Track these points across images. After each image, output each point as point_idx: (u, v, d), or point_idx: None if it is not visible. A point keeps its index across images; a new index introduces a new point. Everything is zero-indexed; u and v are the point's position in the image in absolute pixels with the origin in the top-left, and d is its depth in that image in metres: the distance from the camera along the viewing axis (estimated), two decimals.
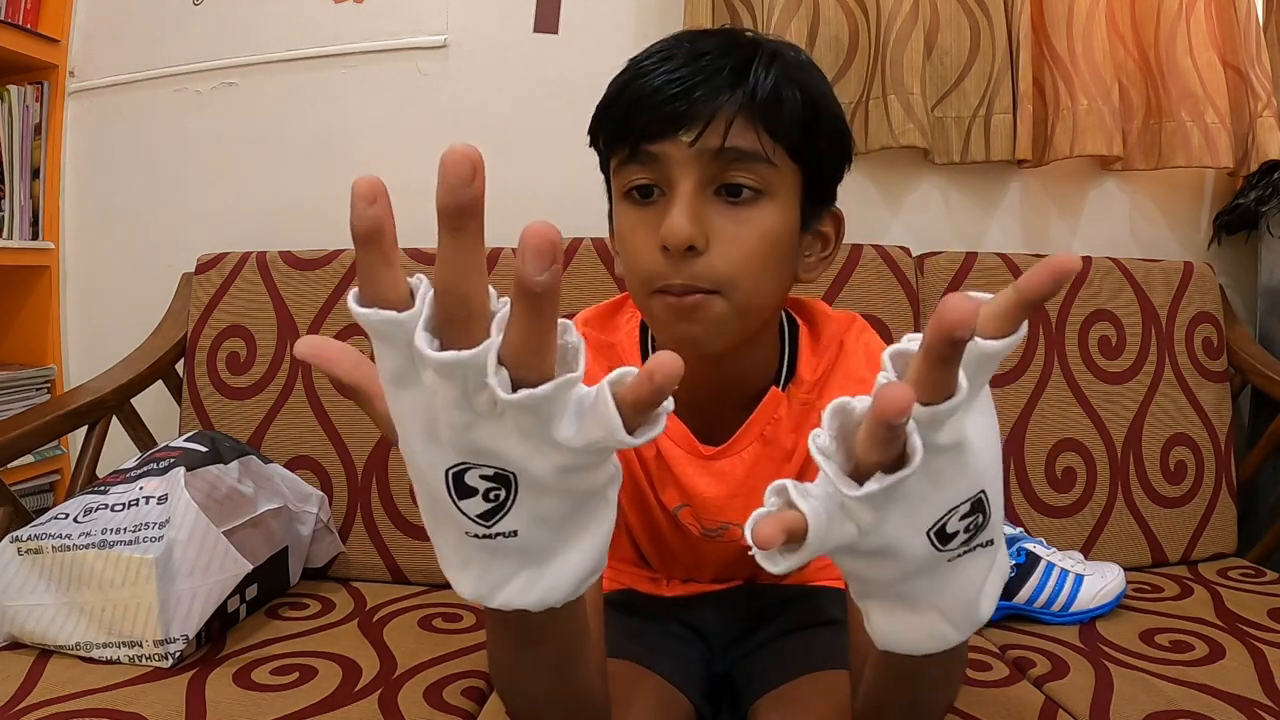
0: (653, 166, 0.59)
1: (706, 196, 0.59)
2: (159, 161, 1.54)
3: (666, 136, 0.58)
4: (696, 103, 0.57)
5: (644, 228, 0.60)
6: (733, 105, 0.57)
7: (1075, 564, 1.09)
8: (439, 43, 1.47)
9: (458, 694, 0.88)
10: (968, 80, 1.41)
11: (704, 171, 0.58)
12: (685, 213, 0.57)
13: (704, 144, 0.57)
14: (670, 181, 0.59)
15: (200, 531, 0.93)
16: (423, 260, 1.28)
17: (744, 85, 0.57)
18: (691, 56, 0.58)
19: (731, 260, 0.58)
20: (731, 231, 0.59)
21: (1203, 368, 1.34)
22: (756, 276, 0.60)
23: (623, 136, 0.60)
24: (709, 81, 0.57)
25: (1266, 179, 1.38)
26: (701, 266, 0.58)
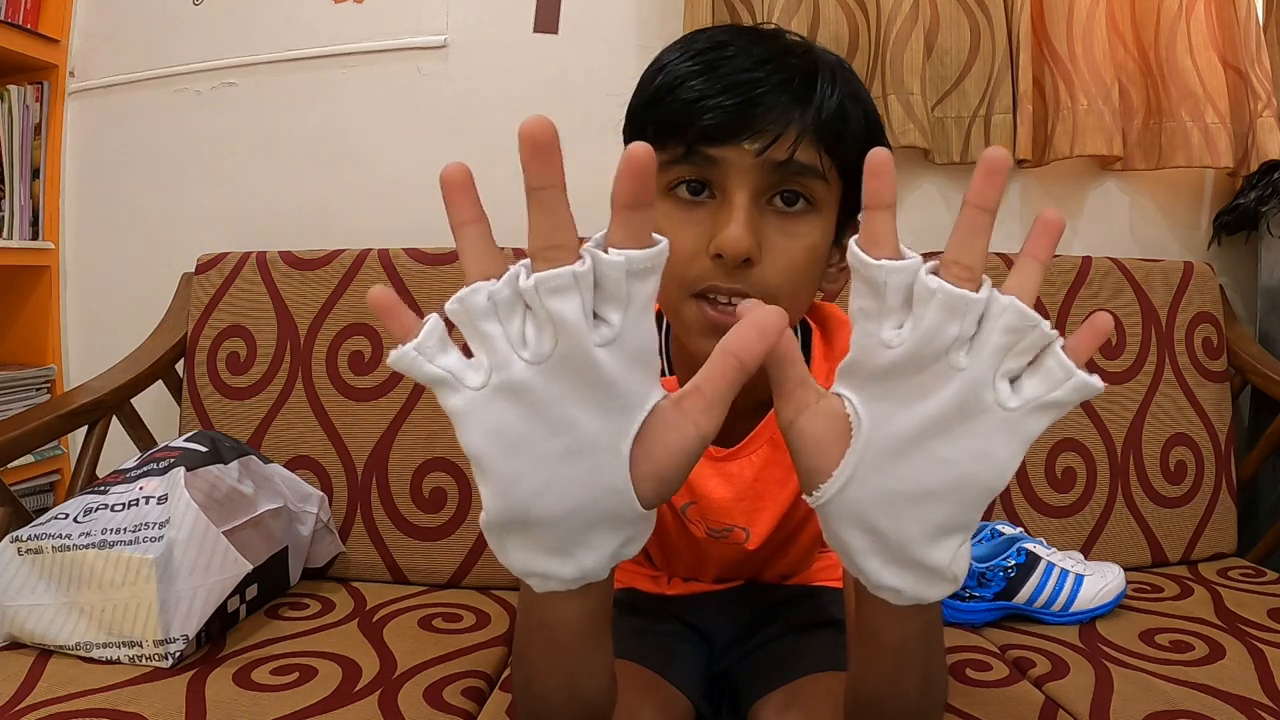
0: (707, 168, 0.58)
1: (760, 205, 0.58)
2: (159, 161, 1.54)
3: (730, 142, 0.56)
4: (768, 113, 0.56)
5: (691, 228, 0.58)
6: (803, 120, 0.56)
7: (1075, 564, 1.08)
8: (439, 43, 1.47)
9: (458, 694, 0.88)
10: (968, 80, 1.41)
11: (764, 181, 0.57)
12: (744, 224, 0.56)
13: (770, 155, 0.56)
14: (725, 187, 0.58)
15: (200, 531, 0.93)
16: (422, 260, 1.28)
17: (811, 99, 0.57)
18: (754, 61, 0.57)
19: (780, 273, 0.58)
20: (782, 244, 0.58)
21: (1203, 368, 1.34)
22: (796, 290, 0.59)
23: (678, 133, 0.58)
24: (778, 92, 0.56)
25: (1266, 179, 1.38)
26: (751, 277, 0.57)
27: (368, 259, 1.29)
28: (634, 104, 0.63)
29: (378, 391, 1.25)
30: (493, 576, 1.22)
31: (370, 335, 1.26)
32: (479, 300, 0.38)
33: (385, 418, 1.24)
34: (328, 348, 1.27)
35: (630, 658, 0.73)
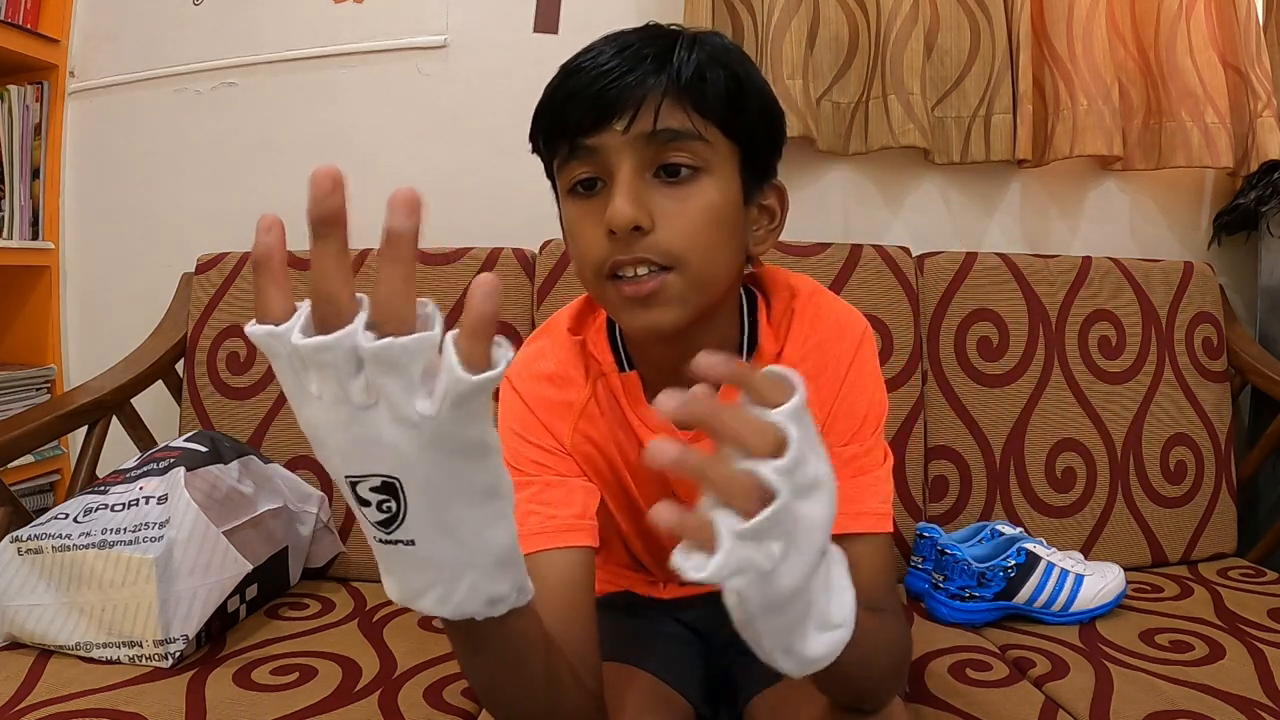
0: (592, 159, 0.61)
1: (646, 180, 0.60)
2: (159, 161, 1.54)
3: (601, 128, 0.59)
4: (624, 90, 0.58)
5: (590, 218, 0.62)
6: (659, 88, 0.59)
7: (1075, 564, 1.08)
8: (439, 43, 1.47)
9: (458, 694, 0.88)
10: (968, 80, 1.41)
11: (640, 156, 0.60)
12: (626, 195, 0.59)
13: (637, 129, 0.59)
14: (610, 171, 0.60)
15: (200, 531, 0.93)
16: (422, 260, 1.28)
17: (668, 68, 0.59)
18: (617, 50, 0.60)
19: (678, 235, 0.60)
20: (674, 209, 0.60)
21: (1203, 368, 1.34)
22: (705, 249, 0.61)
23: (560, 134, 0.62)
24: (635, 69, 0.59)
25: (1266, 179, 1.39)
26: (648, 243, 0.60)
27: (368, 259, 1.29)
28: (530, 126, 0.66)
29: None
30: None
31: None
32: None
33: None
34: None
35: (628, 660, 0.73)
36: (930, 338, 1.28)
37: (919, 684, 0.90)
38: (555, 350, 0.73)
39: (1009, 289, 1.30)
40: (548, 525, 0.65)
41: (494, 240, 1.31)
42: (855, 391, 0.69)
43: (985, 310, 1.29)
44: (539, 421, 0.69)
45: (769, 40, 1.33)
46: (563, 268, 1.26)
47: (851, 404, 0.68)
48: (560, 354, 0.72)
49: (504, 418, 0.71)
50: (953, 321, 1.29)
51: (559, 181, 0.65)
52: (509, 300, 1.26)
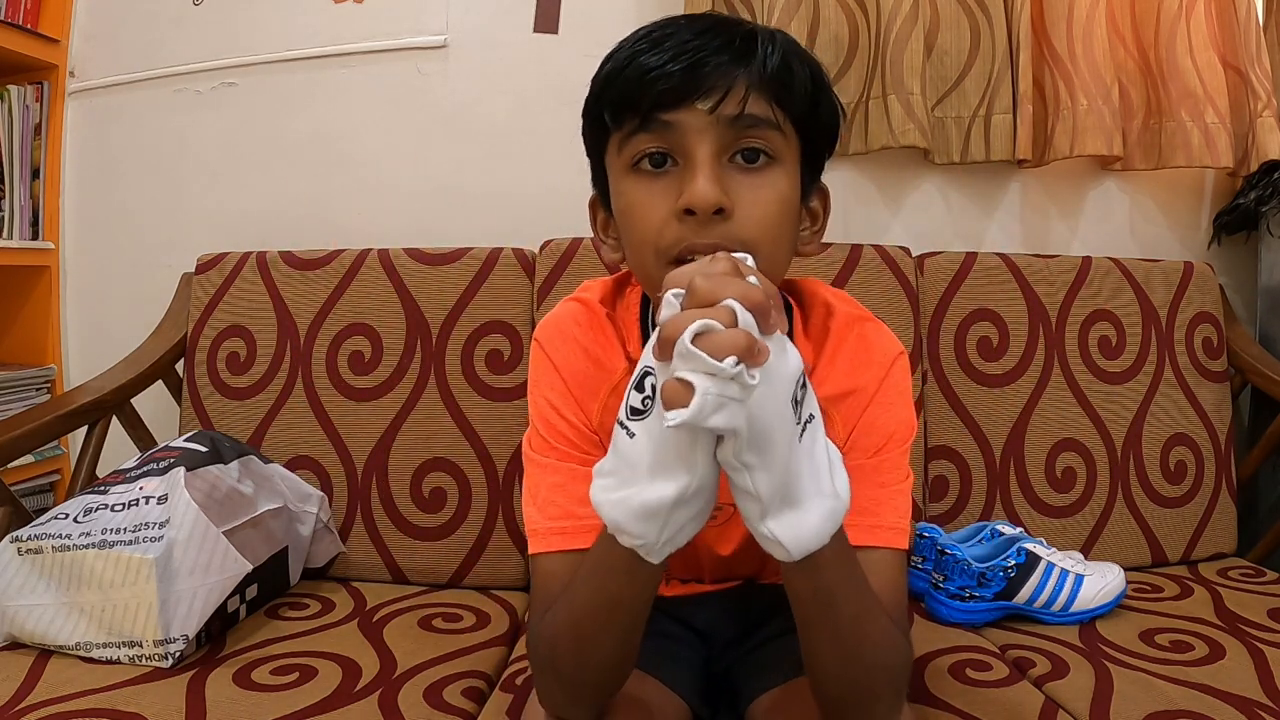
0: (666, 135, 0.59)
1: (723, 163, 0.59)
2: (159, 161, 1.54)
3: (683, 105, 0.58)
4: (714, 72, 0.58)
5: (659, 197, 0.60)
6: (748, 76, 0.58)
7: (1075, 564, 1.08)
8: (439, 43, 1.47)
9: (458, 694, 0.88)
10: (968, 80, 1.41)
11: (721, 138, 0.59)
12: (710, 176, 0.58)
13: (722, 111, 0.58)
14: (686, 150, 0.59)
15: (200, 531, 0.93)
16: (422, 260, 1.28)
17: (754, 58, 0.59)
18: (695, 32, 0.59)
19: (756, 222, 0.59)
20: (751, 195, 0.59)
21: (1203, 368, 1.34)
22: (775, 240, 0.61)
23: (633, 106, 0.60)
24: (721, 53, 0.58)
25: (1266, 179, 1.39)
26: (728, 228, 0.58)
27: (368, 259, 1.29)
28: (590, 95, 0.65)
29: (378, 391, 1.25)
30: (493, 576, 1.22)
31: (370, 335, 1.26)
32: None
33: (385, 418, 1.24)
34: (328, 348, 1.27)
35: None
36: (930, 338, 1.28)
37: (919, 684, 0.90)
38: (590, 321, 0.71)
39: (1009, 289, 1.30)
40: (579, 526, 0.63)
41: (494, 240, 1.31)
42: (882, 410, 0.68)
43: (985, 310, 1.29)
44: (573, 396, 0.68)
45: None
46: (563, 268, 1.26)
47: (877, 421, 0.67)
48: (596, 326, 0.71)
49: (537, 383, 0.69)
50: (953, 321, 1.29)
51: (619, 156, 0.62)
52: (509, 300, 1.26)
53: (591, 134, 0.66)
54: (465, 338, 1.25)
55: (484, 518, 1.22)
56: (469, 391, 1.24)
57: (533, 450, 0.68)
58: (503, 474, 1.22)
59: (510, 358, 1.25)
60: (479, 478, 1.22)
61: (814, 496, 0.49)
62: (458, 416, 1.23)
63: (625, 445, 0.49)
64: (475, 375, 1.24)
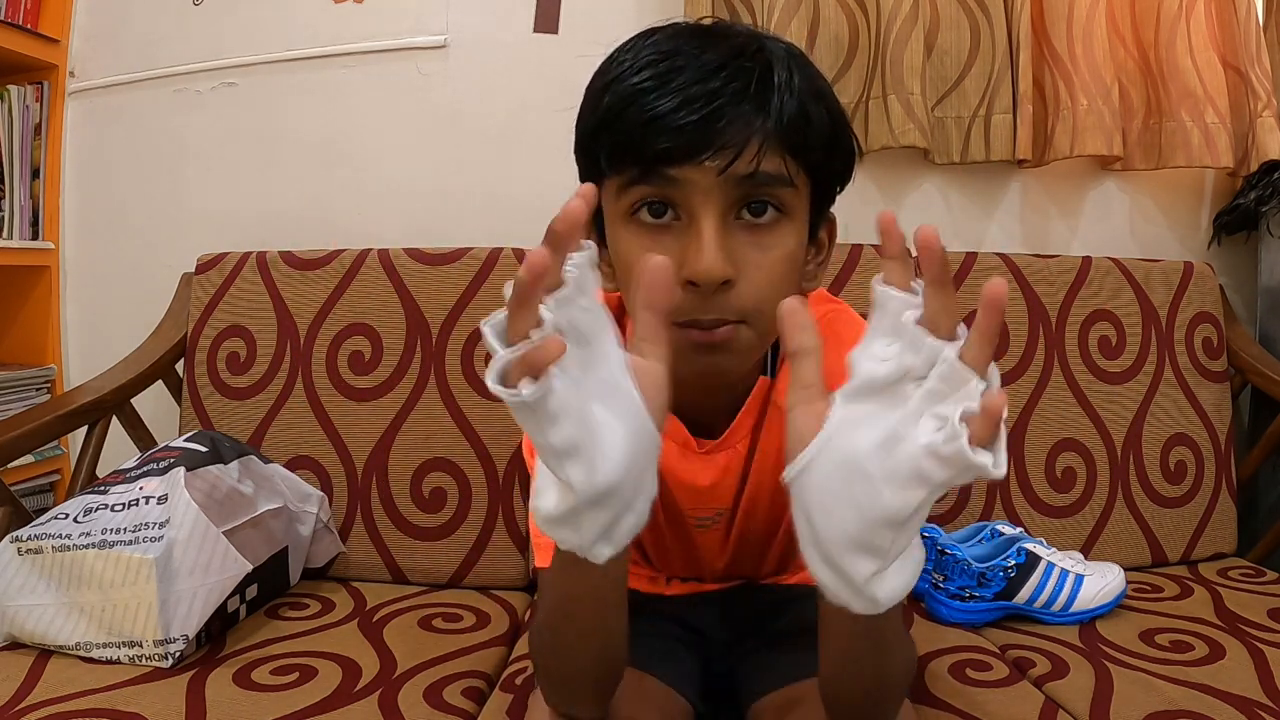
0: (668, 189, 0.56)
1: (729, 222, 0.56)
2: (159, 161, 1.54)
3: (690, 161, 0.54)
4: (726, 128, 0.53)
5: (656, 249, 0.54)
6: (764, 130, 0.54)
7: (1075, 564, 1.08)
8: (439, 43, 1.47)
9: (458, 694, 0.88)
10: (968, 80, 1.41)
11: (728, 197, 0.55)
12: (717, 248, 0.54)
13: (734, 171, 0.54)
14: (690, 208, 0.55)
15: (200, 531, 0.93)
16: (422, 260, 1.28)
17: (769, 107, 0.55)
18: (707, 70, 0.54)
19: (759, 289, 0.56)
20: (757, 259, 0.56)
21: (1203, 368, 1.34)
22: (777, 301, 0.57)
23: (634, 155, 0.55)
24: (736, 101, 0.54)
25: (1266, 179, 1.38)
26: (731, 299, 0.56)
27: (368, 259, 1.29)
28: (585, 125, 0.60)
29: (378, 391, 1.25)
30: (493, 576, 1.22)
31: (370, 335, 1.26)
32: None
33: (385, 418, 1.24)
34: (328, 348, 1.27)
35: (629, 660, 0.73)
36: None
37: (919, 684, 0.90)
38: None
39: (1009, 289, 1.30)
40: None
41: (494, 240, 1.31)
42: None
43: None
44: None
45: None
46: None
47: None
48: None
49: None
50: None
51: (614, 200, 0.59)
52: None
53: (584, 165, 0.62)
54: (465, 338, 1.25)
55: (484, 518, 1.22)
56: (469, 391, 1.24)
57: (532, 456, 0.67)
58: (503, 474, 1.22)
59: None
60: (479, 478, 1.22)
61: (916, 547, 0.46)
62: (458, 416, 1.23)
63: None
64: (475, 375, 1.24)
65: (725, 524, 0.74)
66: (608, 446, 0.43)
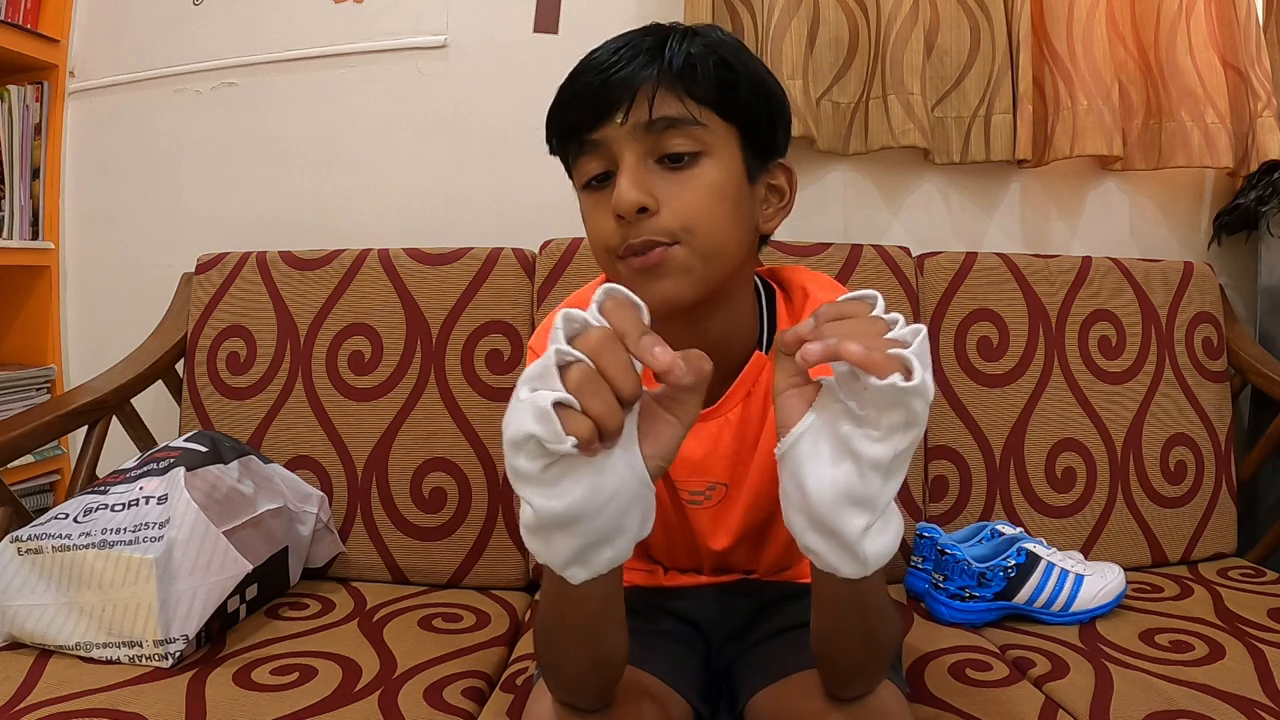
0: (599, 153, 0.65)
1: (650, 166, 0.64)
2: (159, 161, 1.54)
3: (603, 121, 0.64)
4: (620, 83, 0.63)
5: (602, 206, 0.66)
6: (652, 80, 0.63)
7: (1075, 564, 1.09)
8: (439, 43, 1.48)
9: (458, 694, 0.88)
10: (968, 80, 1.41)
11: (642, 144, 0.64)
12: (630, 180, 0.63)
13: (634, 118, 0.63)
14: (617, 161, 0.64)
15: (200, 531, 0.93)
16: (422, 260, 1.28)
17: (659, 60, 0.63)
18: (615, 49, 0.65)
19: (680, 213, 0.63)
20: (677, 190, 0.64)
21: (1203, 368, 1.34)
22: (710, 222, 0.64)
23: (569, 132, 0.67)
24: (629, 63, 0.63)
25: (1266, 179, 1.39)
26: (655, 223, 0.63)
27: (368, 259, 1.29)
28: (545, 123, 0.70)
29: (378, 391, 1.25)
30: (493, 576, 1.22)
31: (370, 335, 1.26)
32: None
33: (385, 418, 1.24)
34: (328, 348, 1.27)
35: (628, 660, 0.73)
36: (930, 338, 1.28)
37: (919, 684, 0.90)
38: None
39: (1009, 289, 1.31)
40: None
41: (494, 240, 1.31)
42: None
43: (985, 310, 1.29)
44: None
45: (769, 40, 1.33)
46: (563, 268, 1.26)
47: None
48: None
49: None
50: (953, 321, 1.29)
51: (575, 178, 0.70)
52: (509, 300, 1.26)
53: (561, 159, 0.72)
54: (465, 338, 1.25)
55: (484, 518, 1.22)
56: (469, 391, 1.24)
57: None
58: (503, 474, 1.22)
59: (510, 358, 1.25)
60: (479, 478, 1.22)
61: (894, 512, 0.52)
62: (458, 416, 1.23)
63: None
64: (475, 375, 1.24)
65: (718, 500, 0.78)
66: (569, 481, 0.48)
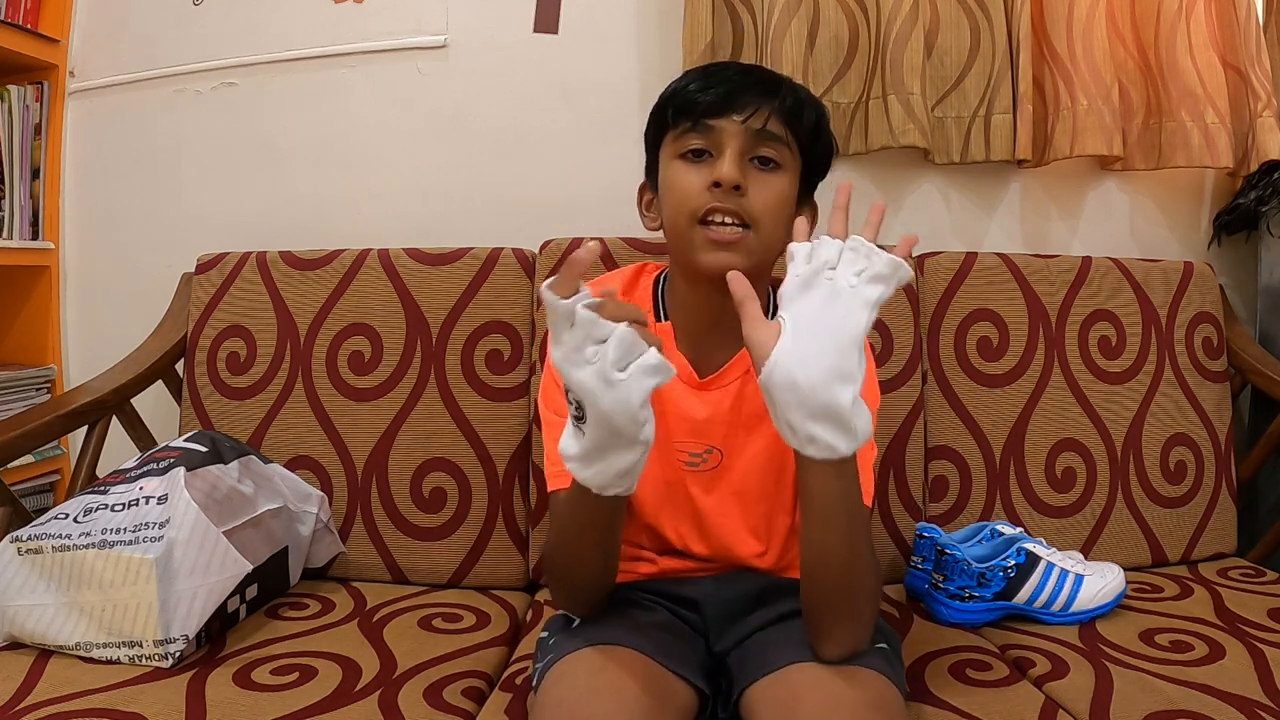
0: (708, 136, 0.81)
1: (745, 161, 0.81)
2: (159, 161, 1.54)
3: (724, 114, 0.80)
4: (749, 96, 0.81)
5: (696, 175, 0.81)
6: (772, 104, 0.81)
7: (1075, 564, 1.08)
8: (439, 43, 1.48)
9: (458, 694, 0.88)
10: (968, 80, 1.42)
11: (746, 143, 0.80)
12: (735, 163, 0.79)
13: (751, 124, 0.80)
14: (720, 147, 0.80)
15: (200, 531, 0.93)
16: (422, 260, 1.28)
17: (779, 94, 0.82)
18: (736, 71, 0.84)
19: (763, 202, 0.80)
20: (762, 183, 0.81)
21: (1203, 368, 1.34)
22: (774, 218, 0.81)
23: (689, 111, 0.82)
24: (754, 88, 0.81)
25: (1266, 179, 1.39)
26: (742, 203, 0.79)
27: (368, 259, 1.29)
28: (658, 103, 0.87)
29: (378, 391, 1.25)
30: (493, 576, 1.22)
31: (370, 335, 1.26)
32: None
33: (385, 418, 1.24)
34: (328, 348, 1.27)
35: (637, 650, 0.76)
36: (930, 338, 1.28)
37: (919, 684, 0.90)
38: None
39: (1009, 289, 1.31)
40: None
41: (494, 240, 1.31)
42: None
43: (985, 310, 1.29)
44: None
45: (769, 41, 1.33)
46: None
47: None
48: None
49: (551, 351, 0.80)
50: (953, 321, 1.29)
51: (671, 147, 0.84)
52: (509, 300, 1.26)
53: (653, 132, 0.88)
54: (465, 338, 1.25)
55: (484, 518, 1.22)
56: (469, 391, 1.24)
57: (545, 408, 0.88)
58: (503, 474, 1.22)
59: (510, 358, 1.25)
60: (479, 478, 1.22)
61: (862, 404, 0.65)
62: (458, 416, 1.23)
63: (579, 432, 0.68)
64: (475, 375, 1.24)
65: (713, 465, 0.87)
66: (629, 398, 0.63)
